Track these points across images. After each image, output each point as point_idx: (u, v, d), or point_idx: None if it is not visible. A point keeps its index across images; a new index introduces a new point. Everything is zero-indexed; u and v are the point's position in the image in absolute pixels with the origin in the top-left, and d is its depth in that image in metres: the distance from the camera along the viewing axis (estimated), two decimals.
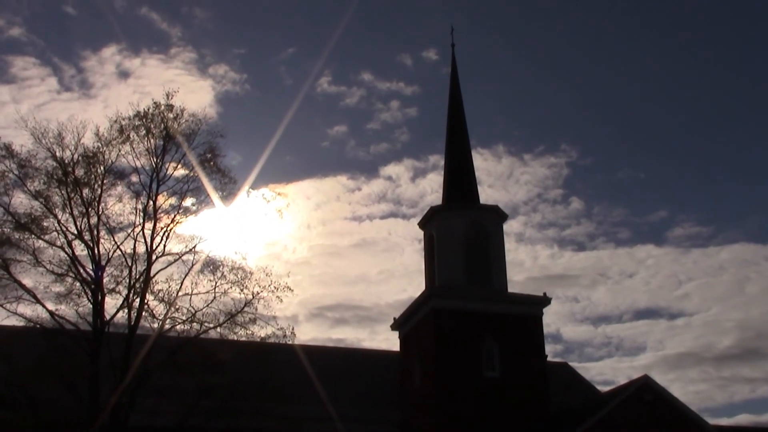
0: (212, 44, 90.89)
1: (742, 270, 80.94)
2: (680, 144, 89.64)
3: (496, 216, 35.66)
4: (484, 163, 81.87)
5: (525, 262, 78.95)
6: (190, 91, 73.01)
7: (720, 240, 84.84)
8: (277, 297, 28.49)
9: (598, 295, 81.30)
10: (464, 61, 39.91)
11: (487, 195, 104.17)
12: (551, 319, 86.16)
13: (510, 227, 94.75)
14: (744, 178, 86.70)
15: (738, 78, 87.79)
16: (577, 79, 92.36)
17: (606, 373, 79.89)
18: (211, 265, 28.41)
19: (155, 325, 27.26)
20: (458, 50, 39.24)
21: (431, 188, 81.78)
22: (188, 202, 28.81)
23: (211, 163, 28.79)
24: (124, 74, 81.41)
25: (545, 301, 33.46)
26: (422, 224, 36.95)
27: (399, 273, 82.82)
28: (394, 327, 36.55)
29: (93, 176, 27.51)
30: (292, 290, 28.87)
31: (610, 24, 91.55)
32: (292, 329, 28.63)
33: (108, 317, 26.71)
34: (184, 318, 27.62)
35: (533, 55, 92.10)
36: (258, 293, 28.29)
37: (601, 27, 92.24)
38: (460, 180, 36.91)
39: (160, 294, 27.37)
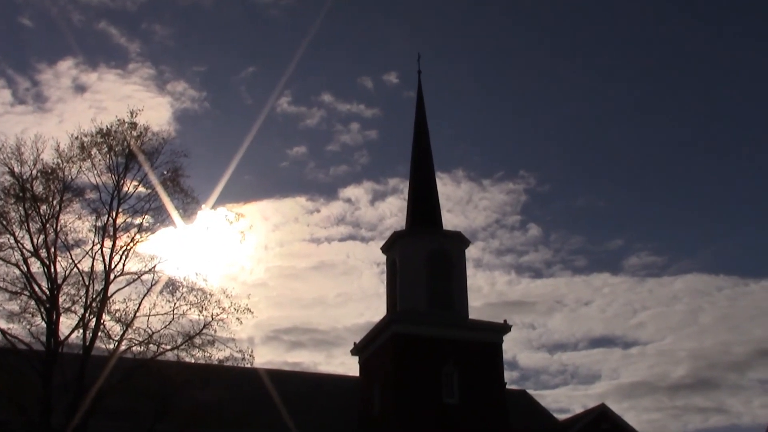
0: (171, 61, 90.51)
1: (696, 300, 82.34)
2: (638, 174, 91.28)
3: (459, 242, 35.79)
4: (443, 188, 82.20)
5: (483, 288, 79.29)
6: (149, 107, 71.72)
7: (674, 270, 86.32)
8: (237, 319, 28.13)
9: (555, 323, 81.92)
10: (426, 85, 40.33)
11: (446, 220, 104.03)
12: (508, 345, 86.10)
13: (468, 252, 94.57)
14: (698, 210, 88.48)
15: (695, 109, 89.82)
16: (537, 106, 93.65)
17: (561, 401, 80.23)
18: (171, 286, 28.07)
19: (111, 346, 26.71)
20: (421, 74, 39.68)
21: (390, 211, 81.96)
22: (149, 221, 28.41)
23: (174, 182, 28.48)
24: (80, 88, 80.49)
25: (506, 328, 33.55)
26: (385, 249, 36.92)
27: (357, 297, 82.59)
28: (354, 352, 36.31)
29: (51, 192, 26.93)
30: (253, 312, 28.48)
31: (570, 52, 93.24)
32: (251, 352, 28.25)
33: (62, 337, 25.93)
34: (141, 339, 27.15)
35: (494, 81, 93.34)
36: (218, 315, 27.93)
37: (560, 55, 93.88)
38: (424, 205, 37.03)
39: (117, 314, 26.82)
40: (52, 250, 26.58)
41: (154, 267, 27.82)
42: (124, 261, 27.24)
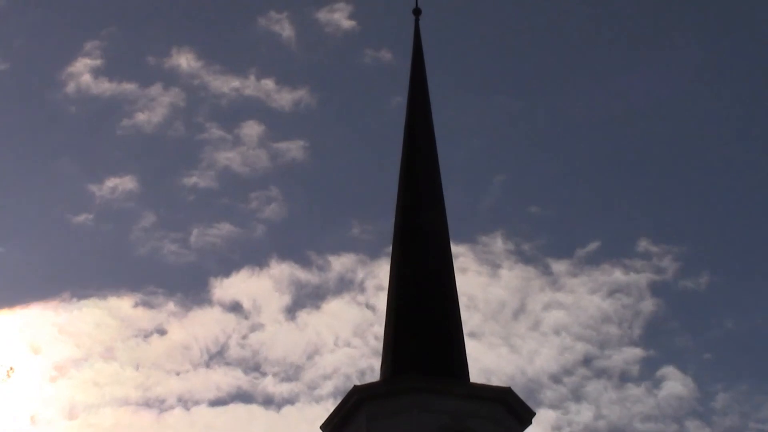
0: None
1: None
2: None
3: (509, 411, 17.60)
4: (463, 279, 34.98)
5: None
6: None
7: None
8: None
9: None
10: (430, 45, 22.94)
11: (472, 354, 21.43)
12: None
13: None
14: None
15: None
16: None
17: None
18: None
19: None
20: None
21: (337, 334, 42.40)
22: None
23: None
24: None
25: None
26: (331, 427, 18.58)
27: None
28: None
29: None
30: None
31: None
32: None
33: None
34: None
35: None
36: None
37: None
38: (424, 320, 18.97)
39: None
40: None
41: None
42: None
